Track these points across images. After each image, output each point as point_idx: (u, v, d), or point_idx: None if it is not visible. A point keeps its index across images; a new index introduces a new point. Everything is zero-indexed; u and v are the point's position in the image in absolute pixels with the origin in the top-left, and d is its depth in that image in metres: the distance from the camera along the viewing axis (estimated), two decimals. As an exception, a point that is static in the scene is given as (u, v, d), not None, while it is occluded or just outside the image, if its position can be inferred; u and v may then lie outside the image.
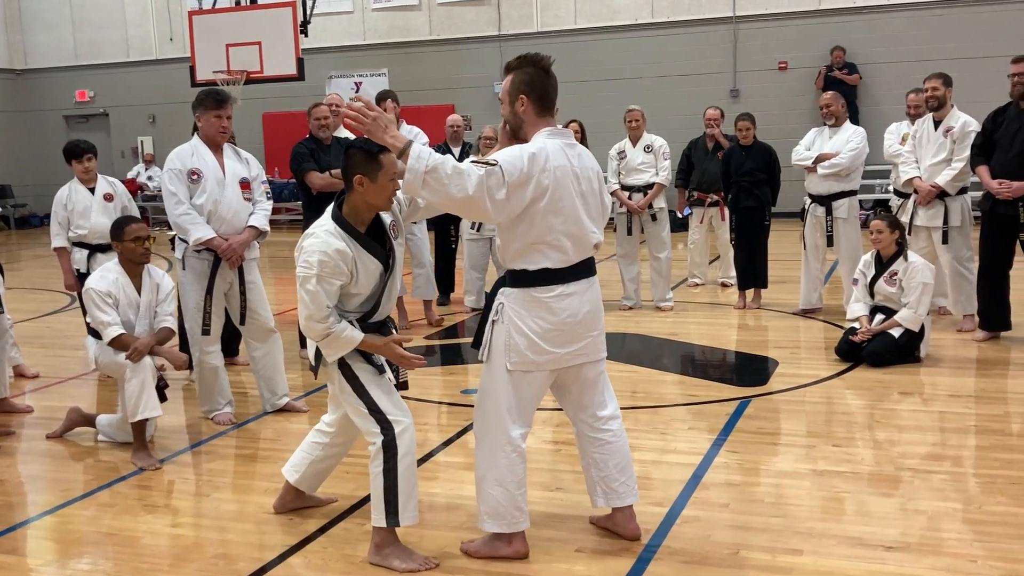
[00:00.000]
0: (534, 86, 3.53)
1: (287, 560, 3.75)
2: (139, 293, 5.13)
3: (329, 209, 3.65)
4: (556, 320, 3.49)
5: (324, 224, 3.60)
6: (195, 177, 5.45)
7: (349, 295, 3.62)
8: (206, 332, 5.56)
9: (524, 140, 3.53)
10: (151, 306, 5.16)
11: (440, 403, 6.00)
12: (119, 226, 5.14)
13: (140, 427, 4.92)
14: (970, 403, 5.58)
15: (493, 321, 3.55)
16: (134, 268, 5.12)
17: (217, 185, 5.48)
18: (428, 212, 3.90)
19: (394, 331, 3.78)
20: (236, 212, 5.54)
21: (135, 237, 5.06)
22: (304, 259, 3.53)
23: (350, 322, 3.60)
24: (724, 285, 9.57)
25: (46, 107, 20.52)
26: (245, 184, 5.61)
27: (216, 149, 5.55)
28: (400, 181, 3.42)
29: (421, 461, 4.81)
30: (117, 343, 4.95)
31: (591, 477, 3.80)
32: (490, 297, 3.63)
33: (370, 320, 3.68)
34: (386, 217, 3.72)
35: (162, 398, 5.08)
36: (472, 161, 3.36)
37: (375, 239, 3.64)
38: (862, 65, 15.10)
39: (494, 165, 3.32)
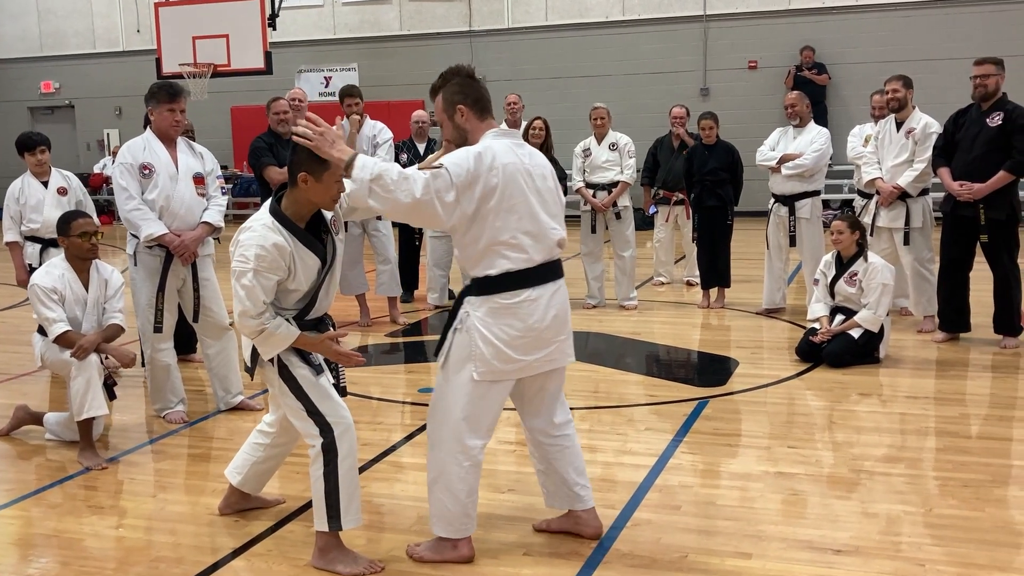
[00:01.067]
0: (467, 92, 3.51)
1: (230, 563, 3.68)
2: (86, 289, 5.03)
3: (267, 203, 3.58)
4: (523, 327, 3.43)
5: (261, 218, 3.51)
6: (147, 172, 5.34)
7: (287, 291, 3.55)
8: (158, 330, 5.47)
9: None
10: (99, 303, 5.06)
11: (403, 402, 5.94)
12: (65, 221, 5.03)
13: (86, 426, 4.82)
14: (928, 404, 5.59)
15: (456, 329, 3.49)
16: (81, 264, 5.02)
17: (169, 180, 5.38)
18: (368, 212, 3.83)
19: (331, 328, 3.70)
20: (189, 207, 5.44)
21: (82, 232, 4.95)
22: (240, 253, 3.44)
23: (286, 319, 3.52)
24: (689, 284, 9.56)
25: (10, 98, 20.17)
26: (199, 179, 5.51)
27: (169, 143, 5.45)
28: (346, 183, 3.37)
29: (377, 460, 4.76)
30: (62, 340, 4.86)
31: (552, 483, 3.75)
32: (455, 305, 3.57)
33: (306, 317, 3.60)
34: (326, 212, 3.65)
35: (111, 396, 4.99)
36: (418, 168, 3.32)
37: (314, 234, 3.57)
38: (831, 65, 15.16)
39: (439, 168, 3.27)
